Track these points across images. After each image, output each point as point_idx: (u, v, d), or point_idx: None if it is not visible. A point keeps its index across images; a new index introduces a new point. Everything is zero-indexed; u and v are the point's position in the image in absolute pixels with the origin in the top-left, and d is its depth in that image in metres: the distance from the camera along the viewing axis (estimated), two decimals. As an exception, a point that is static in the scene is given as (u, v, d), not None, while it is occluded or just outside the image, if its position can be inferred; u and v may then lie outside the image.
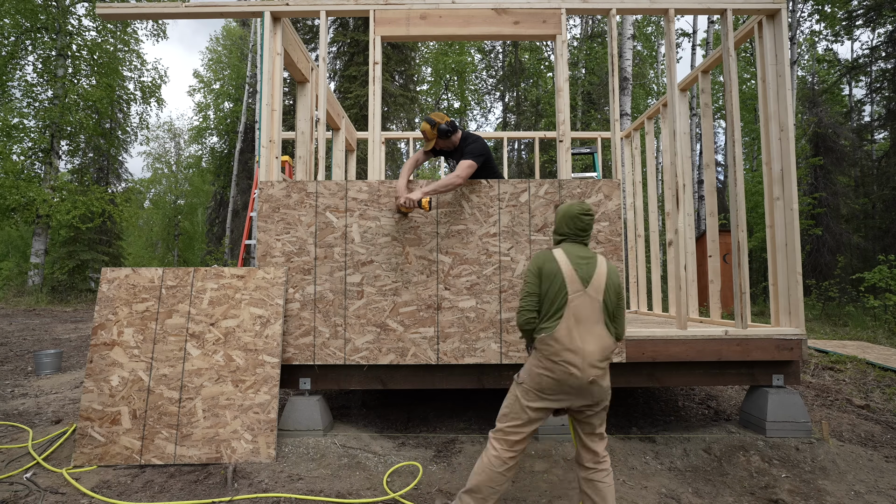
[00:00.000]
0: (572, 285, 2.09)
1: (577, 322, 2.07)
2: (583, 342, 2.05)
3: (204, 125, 25.32)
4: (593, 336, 2.08)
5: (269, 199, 3.37)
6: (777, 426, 3.21)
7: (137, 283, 3.22)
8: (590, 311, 2.09)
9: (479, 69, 23.03)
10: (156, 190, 30.46)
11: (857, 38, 21.44)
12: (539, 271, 2.16)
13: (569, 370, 2.04)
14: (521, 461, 2.93)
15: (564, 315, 2.08)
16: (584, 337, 2.06)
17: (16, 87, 14.48)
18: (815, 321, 9.50)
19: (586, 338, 2.06)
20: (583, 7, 3.57)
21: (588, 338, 2.06)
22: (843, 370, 5.09)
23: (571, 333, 2.06)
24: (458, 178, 3.13)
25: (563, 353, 2.05)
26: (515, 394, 2.19)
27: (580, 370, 2.03)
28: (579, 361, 2.03)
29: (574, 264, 2.13)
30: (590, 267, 2.14)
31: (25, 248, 22.19)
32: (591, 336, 2.07)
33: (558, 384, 2.06)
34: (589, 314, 2.09)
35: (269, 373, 3.07)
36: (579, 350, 2.04)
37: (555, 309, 2.10)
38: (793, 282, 3.44)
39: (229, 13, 3.63)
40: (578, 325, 2.07)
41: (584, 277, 2.10)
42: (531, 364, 2.16)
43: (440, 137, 3.42)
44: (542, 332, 2.12)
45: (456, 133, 3.47)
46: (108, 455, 2.89)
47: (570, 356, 2.04)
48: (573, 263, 2.13)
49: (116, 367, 3.05)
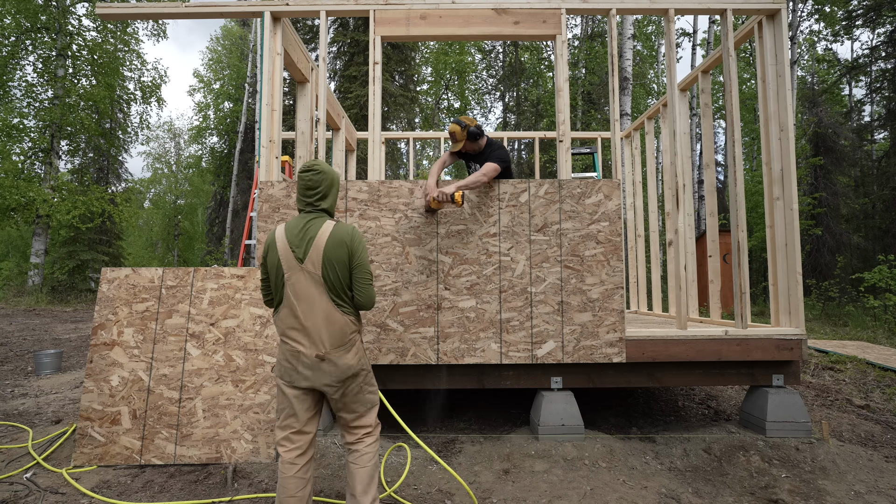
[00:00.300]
0: (287, 263, 1.97)
1: (298, 301, 1.96)
2: (306, 320, 1.94)
3: (204, 125, 25.32)
4: (319, 313, 1.95)
5: (270, 199, 3.37)
6: (777, 426, 3.21)
7: (137, 283, 3.22)
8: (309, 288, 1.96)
9: (480, 69, 23.03)
10: (156, 190, 30.47)
11: (856, 38, 21.45)
12: (265, 255, 2.07)
13: (295, 348, 1.96)
14: (521, 461, 2.93)
15: (285, 295, 1.98)
16: (307, 315, 1.94)
17: (16, 87, 14.48)
18: (815, 321, 9.50)
19: (310, 316, 1.94)
20: (583, 7, 3.57)
21: (312, 316, 1.95)
22: (843, 370, 5.09)
23: (294, 313, 1.96)
24: (485, 177, 3.20)
25: (288, 331, 1.98)
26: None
27: (306, 349, 1.94)
28: (305, 340, 1.94)
29: (290, 239, 1.99)
30: (306, 238, 1.98)
31: (25, 248, 22.19)
32: (314, 314, 1.95)
33: (290, 364, 1.98)
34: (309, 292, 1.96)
35: (269, 373, 3.07)
36: (304, 328, 1.95)
37: (277, 291, 2.03)
38: (793, 282, 3.44)
39: (229, 13, 3.63)
40: (300, 304, 1.95)
41: (300, 254, 1.97)
42: None
43: (469, 140, 3.52)
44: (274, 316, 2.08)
45: (482, 137, 3.58)
46: (108, 455, 2.89)
47: (295, 334, 1.96)
48: (289, 239, 1.99)
49: (116, 367, 3.05)
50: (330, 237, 1.97)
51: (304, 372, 1.95)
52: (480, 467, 2.87)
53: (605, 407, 4.08)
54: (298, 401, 1.98)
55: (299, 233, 1.99)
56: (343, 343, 1.98)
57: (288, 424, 2.00)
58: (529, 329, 3.27)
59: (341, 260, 1.97)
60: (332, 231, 1.99)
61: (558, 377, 3.31)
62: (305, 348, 1.95)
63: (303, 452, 1.99)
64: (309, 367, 1.95)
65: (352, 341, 2.00)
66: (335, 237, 1.98)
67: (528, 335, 3.26)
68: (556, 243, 3.32)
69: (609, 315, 3.26)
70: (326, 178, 2.07)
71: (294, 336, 1.96)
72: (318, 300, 1.95)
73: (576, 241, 3.31)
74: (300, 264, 1.96)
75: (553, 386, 3.31)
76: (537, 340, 3.26)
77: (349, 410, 2.04)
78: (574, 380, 3.33)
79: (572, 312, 3.27)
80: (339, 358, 1.96)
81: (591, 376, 3.34)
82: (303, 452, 1.99)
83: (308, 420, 2.01)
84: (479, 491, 2.64)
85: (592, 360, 3.26)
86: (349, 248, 1.99)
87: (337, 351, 1.96)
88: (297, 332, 1.96)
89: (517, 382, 3.35)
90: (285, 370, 1.99)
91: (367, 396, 2.07)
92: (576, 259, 3.30)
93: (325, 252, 1.95)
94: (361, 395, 2.05)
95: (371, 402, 2.09)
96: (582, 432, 3.21)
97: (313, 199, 2.06)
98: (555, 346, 3.26)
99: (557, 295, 3.28)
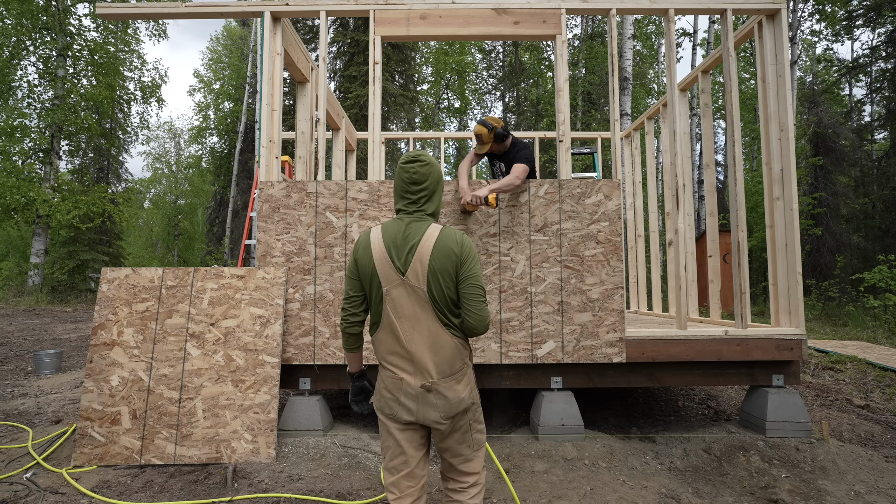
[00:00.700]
0: (385, 276, 1.66)
1: (399, 320, 1.66)
2: (410, 344, 1.65)
3: (204, 125, 25.33)
4: (424, 336, 1.65)
5: (270, 199, 3.37)
6: (777, 426, 3.21)
7: (137, 283, 3.22)
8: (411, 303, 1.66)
9: (480, 69, 23.04)
10: (156, 190, 30.48)
11: (857, 38, 21.43)
12: (354, 263, 1.74)
13: (397, 376, 1.67)
14: (521, 461, 2.93)
15: (384, 314, 1.68)
16: (411, 338, 1.65)
17: (17, 88, 14.49)
18: (815, 321, 9.50)
19: (414, 339, 1.65)
20: (583, 7, 3.57)
21: (416, 339, 1.65)
22: (843, 370, 5.09)
23: (396, 334, 1.66)
24: (517, 180, 3.24)
25: (388, 356, 1.69)
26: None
27: (410, 377, 1.65)
28: (409, 367, 1.66)
29: (388, 246, 1.67)
30: (407, 245, 1.66)
31: (25, 248, 22.20)
32: (419, 336, 1.65)
33: (391, 395, 1.69)
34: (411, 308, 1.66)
35: (269, 373, 3.07)
36: (407, 353, 1.65)
37: (374, 306, 1.72)
38: (793, 282, 3.44)
39: (229, 13, 3.63)
40: (402, 324, 1.66)
41: (400, 265, 1.65)
42: None
43: (496, 141, 3.60)
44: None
45: (508, 138, 3.65)
46: (108, 455, 2.89)
47: (396, 360, 1.68)
48: (387, 245, 1.67)
49: (116, 367, 3.05)
50: (436, 245, 1.64)
51: (408, 404, 1.65)
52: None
53: (604, 407, 4.08)
54: (405, 437, 1.69)
55: (400, 238, 1.67)
56: (453, 372, 1.67)
57: (395, 467, 1.69)
58: (529, 329, 3.27)
59: (448, 272, 1.64)
60: (438, 237, 1.65)
61: (558, 377, 3.31)
62: (409, 376, 1.65)
63: (415, 500, 1.70)
64: (413, 399, 1.65)
65: (463, 370, 1.70)
66: (441, 244, 1.64)
67: (528, 335, 3.26)
68: (556, 243, 3.32)
69: (609, 315, 3.26)
70: (434, 172, 1.73)
71: (395, 362, 1.68)
72: (424, 320, 1.64)
73: (576, 241, 3.31)
74: (401, 277, 1.64)
75: (553, 386, 3.31)
76: (537, 340, 3.26)
77: (454, 454, 1.73)
78: (574, 380, 3.33)
79: (572, 312, 3.27)
80: (448, 389, 1.65)
81: (591, 376, 3.34)
82: (415, 500, 1.70)
83: (419, 461, 1.71)
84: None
85: (592, 360, 3.26)
86: (458, 258, 1.65)
87: (446, 381, 1.65)
88: (398, 358, 1.67)
89: (517, 382, 3.35)
90: (385, 401, 1.70)
91: (476, 436, 1.76)
92: (576, 259, 3.30)
93: (431, 263, 1.62)
94: (469, 435, 1.73)
95: (479, 443, 1.77)
96: (582, 432, 3.21)
97: (418, 198, 1.72)
98: (555, 346, 3.26)
99: (557, 295, 3.28)
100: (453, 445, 1.72)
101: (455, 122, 23.40)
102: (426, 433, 1.74)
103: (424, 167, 1.72)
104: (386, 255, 1.66)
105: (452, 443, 1.71)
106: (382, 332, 1.69)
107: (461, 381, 1.69)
